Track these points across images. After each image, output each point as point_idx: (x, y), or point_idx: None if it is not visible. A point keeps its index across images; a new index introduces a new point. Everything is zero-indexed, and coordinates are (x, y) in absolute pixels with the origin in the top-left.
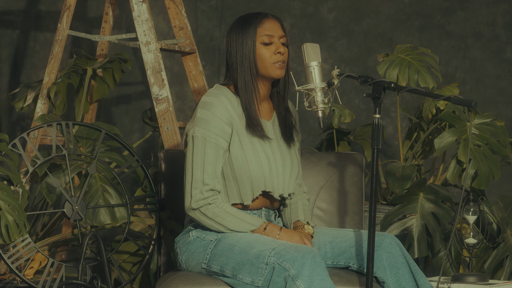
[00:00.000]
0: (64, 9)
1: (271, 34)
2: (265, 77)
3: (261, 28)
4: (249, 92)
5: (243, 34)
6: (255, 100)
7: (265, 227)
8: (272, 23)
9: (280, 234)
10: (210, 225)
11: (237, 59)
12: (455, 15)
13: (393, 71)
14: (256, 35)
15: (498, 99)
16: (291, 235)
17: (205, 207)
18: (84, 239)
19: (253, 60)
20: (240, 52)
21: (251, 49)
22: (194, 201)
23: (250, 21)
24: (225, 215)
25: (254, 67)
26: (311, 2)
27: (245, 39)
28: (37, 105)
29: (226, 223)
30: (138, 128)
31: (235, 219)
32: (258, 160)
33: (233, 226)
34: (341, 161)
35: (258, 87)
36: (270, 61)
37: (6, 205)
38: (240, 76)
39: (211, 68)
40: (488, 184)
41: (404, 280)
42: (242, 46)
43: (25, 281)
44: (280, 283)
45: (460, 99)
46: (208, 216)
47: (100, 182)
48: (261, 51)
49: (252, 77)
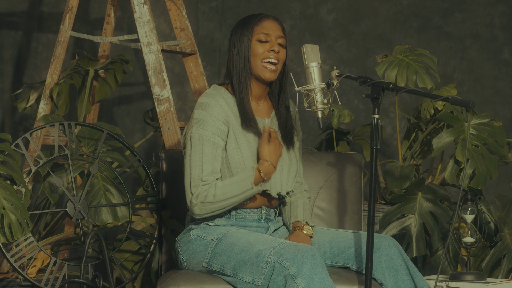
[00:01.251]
0: (67, 11)
1: (267, 32)
2: (256, 78)
3: (258, 26)
4: (243, 88)
5: (241, 31)
6: (249, 96)
7: (258, 169)
8: (271, 23)
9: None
10: (219, 206)
11: (235, 55)
12: (453, 16)
13: (392, 72)
14: (253, 32)
15: (496, 99)
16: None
17: (203, 195)
18: (86, 238)
19: (247, 57)
20: (237, 49)
21: (247, 45)
22: (194, 197)
23: (250, 20)
24: (223, 189)
25: (248, 63)
26: (311, 4)
27: (243, 36)
28: (40, 106)
29: (229, 194)
30: (139, 128)
31: (233, 185)
32: (254, 158)
33: (237, 190)
34: (341, 161)
35: (251, 85)
36: (261, 57)
37: (9, 205)
38: (235, 73)
39: (211, 69)
40: (485, 183)
41: (402, 282)
42: (239, 43)
43: (28, 280)
44: (280, 282)
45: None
46: (211, 201)
47: (102, 181)
48: (256, 47)
49: (246, 73)
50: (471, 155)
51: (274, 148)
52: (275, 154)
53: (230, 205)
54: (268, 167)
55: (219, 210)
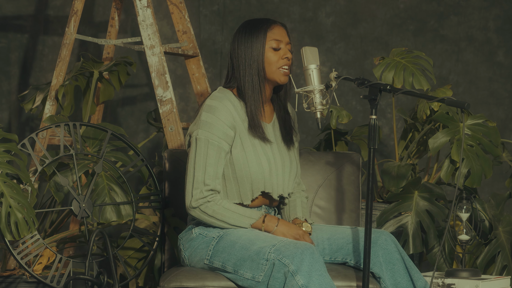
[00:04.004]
0: (72, 14)
1: (279, 39)
2: (270, 81)
3: (271, 33)
4: (256, 94)
5: (252, 37)
6: (261, 103)
7: (263, 219)
8: (280, 30)
9: (278, 226)
10: (211, 222)
11: (245, 61)
12: (449, 19)
13: (389, 74)
14: (266, 39)
15: (490, 100)
16: (289, 226)
17: (204, 205)
18: (91, 235)
19: (261, 63)
20: (249, 55)
21: (260, 52)
22: (194, 200)
23: (260, 26)
24: (224, 211)
25: (262, 70)
26: (310, 7)
27: (255, 42)
28: (46, 107)
29: (226, 219)
30: (143, 128)
31: (235, 214)
32: (258, 162)
33: (233, 221)
34: (339, 160)
35: (265, 90)
36: (277, 65)
37: (16, 203)
38: (247, 79)
39: (213, 70)
40: (480, 182)
41: (399, 275)
42: (251, 49)
43: (34, 276)
44: (280, 279)
45: (453, 101)
46: (208, 214)
47: (106, 180)
48: (269, 55)
49: (259, 79)
50: (466, 154)
51: (293, 230)
52: (287, 228)
53: (220, 226)
54: (271, 226)
55: (210, 223)
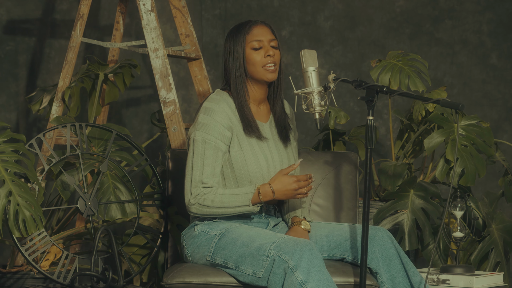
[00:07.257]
0: (78, 18)
1: (259, 39)
2: (258, 81)
3: (250, 35)
4: (241, 95)
5: (234, 42)
6: (248, 103)
7: (258, 190)
8: (261, 29)
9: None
10: (214, 212)
11: (230, 65)
12: (444, 23)
13: (385, 76)
14: (245, 42)
15: (484, 102)
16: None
17: (202, 198)
18: (97, 233)
19: (243, 66)
20: (232, 59)
21: (241, 55)
22: (192, 197)
23: (241, 29)
24: (221, 197)
25: (244, 72)
26: (309, 11)
27: (236, 46)
28: (52, 108)
29: (226, 204)
30: (146, 129)
31: (232, 196)
32: (256, 161)
33: (234, 203)
34: (337, 160)
35: (248, 91)
36: (261, 64)
37: (24, 201)
38: (232, 82)
39: (215, 73)
40: (474, 181)
41: (395, 270)
42: (233, 54)
43: (41, 272)
44: (279, 274)
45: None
46: (207, 205)
47: (111, 179)
48: (252, 56)
49: (242, 81)
50: (460, 154)
51: (286, 180)
52: (281, 184)
53: (224, 214)
54: (267, 191)
55: (214, 215)
